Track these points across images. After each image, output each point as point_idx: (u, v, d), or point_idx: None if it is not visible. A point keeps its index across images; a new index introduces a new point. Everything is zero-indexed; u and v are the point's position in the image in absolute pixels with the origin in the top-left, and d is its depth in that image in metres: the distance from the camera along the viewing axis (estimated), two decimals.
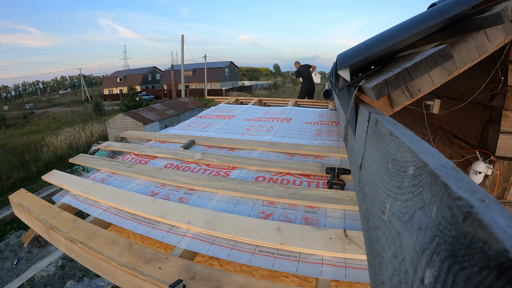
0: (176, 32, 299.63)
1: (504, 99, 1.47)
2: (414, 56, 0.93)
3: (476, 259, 0.18)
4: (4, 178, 11.95)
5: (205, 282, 0.91)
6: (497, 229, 0.17)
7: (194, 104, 18.46)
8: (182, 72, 22.86)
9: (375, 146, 0.60)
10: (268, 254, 1.09)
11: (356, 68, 1.13)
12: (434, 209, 0.26)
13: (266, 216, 1.35)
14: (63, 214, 1.36)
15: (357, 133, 0.95)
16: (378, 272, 0.45)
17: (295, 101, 4.88)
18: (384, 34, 1.22)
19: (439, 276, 0.22)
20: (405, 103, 1.09)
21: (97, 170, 1.98)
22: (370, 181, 0.61)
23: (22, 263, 6.68)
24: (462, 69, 1.09)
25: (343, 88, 1.39)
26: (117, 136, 13.17)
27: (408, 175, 0.36)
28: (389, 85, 0.84)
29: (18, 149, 15.67)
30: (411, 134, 0.45)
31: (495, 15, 0.99)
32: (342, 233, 1.13)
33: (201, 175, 1.77)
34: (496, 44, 1.10)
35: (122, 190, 1.60)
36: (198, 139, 2.56)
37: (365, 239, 0.62)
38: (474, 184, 0.24)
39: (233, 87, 36.59)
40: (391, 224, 0.40)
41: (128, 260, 1.02)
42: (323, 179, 1.73)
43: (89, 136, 16.56)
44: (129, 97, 21.20)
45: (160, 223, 1.32)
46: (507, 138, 1.50)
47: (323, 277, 0.98)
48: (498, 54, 1.42)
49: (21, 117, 29.58)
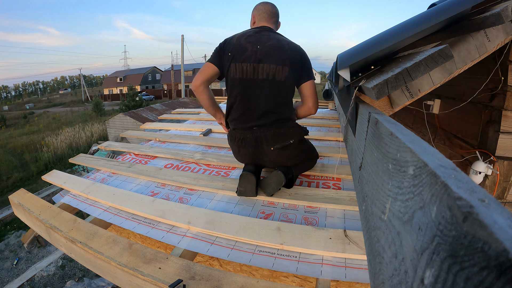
0: (188, 34, 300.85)
1: (504, 99, 1.47)
2: (414, 56, 0.93)
3: (476, 259, 0.18)
4: (4, 178, 11.95)
5: (205, 282, 0.91)
6: (497, 229, 0.17)
7: (194, 104, 18.45)
8: (182, 72, 22.85)
9: (375, 146, 0.60)
10: (268, 254, 1.09)
11: (356, 68, 1.13)
12: (434, 209, 0.26)
13: (266, 216, 1.35)
14: (63, 214, 1.36)
15: (357, 133, 0.95)
16: (378, 272, 0.45)
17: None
18: (384, 34, 1.22)
19: (439, 276, 0.22)
20: (405, 103, 1.09)
21: (97, 170, 1.98)
22: (370, 181, 0.61)
23: (22, 263, 6.68)
24: (462, 69, 1.09)
25: (343, 88, 1.39)
26: (117, 136, 13.16)
27: (408, 175, 0.36)
28: (389, 85, 0.84)
29: (18, 149, 15.68)
30: (411, 134, 0.45)
31: (495, 15, 0.99)
32: (342, 233, 1.13)
33: (201, 175, 1.77)
34: (496, 44, 1.10)
35: (122, 190, 1.60)
36: (214, 128, 2.92)
37: (365, 239, 0.62)
38: (474, 184, 0.24)
39: None
40: (391, 224, 0.40)
41: (128, 260, 1.02)
42: (323, 179, 1.73)
43: (89, 136, 16.57)
44: (129, 97, 21.20)
45: (160, 223, 1.32)
46: (507, 138, 1.50)
47: (323, 277, 0.98)
48: (498, 54, 1.42)
49: (21, 117, 29.59)
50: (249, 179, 1.45)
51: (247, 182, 1.45)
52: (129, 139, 8.52)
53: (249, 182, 1.45)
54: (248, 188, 1.45)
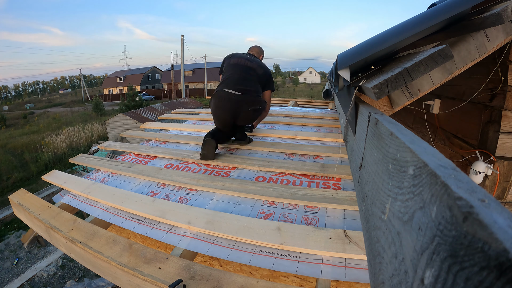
0: (189, 34, 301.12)
1: (504, 99, 1.47)
2: (414, 56, 0.93)
3: (476, 259, 0.18)
4: (4, 178, 11.95)
5: (205, 282, 0.91)
6: (497, 229, 0.17)
7: (194, 104, 18.46)
8: (182, 72, 22.85)
9: (375, 146, 0.60)
10: (268, 254, 1.09)
11: (356, 68, 1.13)
12: (434, 209, 0.26)
13: (266, 216, 1.35)
14: (63, 214, 1.36)
15: (357, 133, 0.95)
16: (378, 272, 0.45)
17: (295, 101, 4.88)
18: (384, 34, 1.22)
19: (439, 276, 0.22)
20: (405, 103, 1.09)
21: (97, 170, 1.98)
22: (370, 181, 0.61)
23: (22, 263, 6.68)
24: (462, 69, 1.09)
25: (343, 88, 1.39)
26: (117, 136, 13.16)
27: (408, 175, 0.36)
28: (389, 85, 0.84)
29: (18, 149, 15.67)
30: (411, 134, 0.45)
31: (495, 15, 0.99)
32: (342, 233, 1.13)
33: (201, 175, 1.77)
34: (496, 44, 1.10)
35: (122, 190, 1.60)
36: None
37: (365, 239, 0.62)
38: (474, 184, 0.24)
39: None
40: (391, 224, 0.40)
41: (128, 260, 1.02)
42: (323, 179, 1.73)
43: (89, 136, 16.56)
44: (129, 97, 21.20)
45: (160, 223, 1.32)
46: (507, 138, 1.50)
47: (323, 277, 0.98)
48: (498, 54, 1.42)
49: (21, 117, 29.60)
50: (210, 143, 2.00)
51: (209, 146, 1.99)
52: (129, 139, 8.53)
53: (210, 146, 1.99)
54: (209, 152, 1.99)
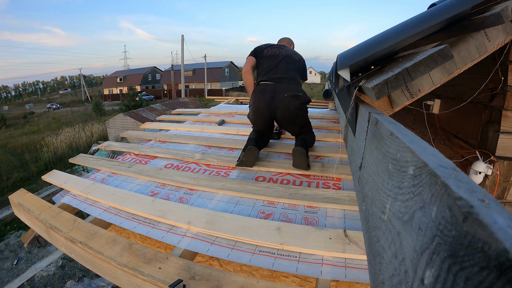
0: (190, 34, 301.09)
1: (504, 99, 1.47)
2: (414, 56, 0.93)
3: (476, 259, 0.18)
4: (4, 178, 11.95)
5: (205, 282, 0.91)
6: (497, 229, 0.17)
7: (194, 104, 18.46)
8: (182, 72, 22.85)
9: (375, 146, 0.60)
10: (268, 254, 1.09)
11: (356, 68, 1.13)
12: (434, 209, 0.26)
13: (266, 216, 1.35)
14: (63, 214, 1.36)
15: (357, 133, 0.95)
16: (378, 272, 0.45)
17: None
18: (384, 34, 1.22)
19: (439, 276, 0.22)
20: (405, 103, 1.09)
21: (97, 170, 1.98)
22: (370, 181, 0.61)
23: (22, 263, 6.68)
24: (462, 69, 1.09)
25: (343, 88, 1.39)
26: (117, 136, 13.16)
27: (408, 175, 0.36)
28: (389, 85, 0.84)
29: (18, 149, 15.67)
30: (411, 134, 0.45)
31: (495, 15, 0.99)
32: (342, 233, 1.13)
33: (201, 175, 1.77)
34: (496, 44, 1.10)
35: (122, 190, 1.60)
36: (227, 119, 3.30)
37: (365, 239, 0.62)
38: (474, 184, 0.24)
39: (233, 87, 36.52)
40: (391, 224, 0.40)
41: (128, 260, 1.02)
42: (323, 179, 1.73)
43: (89, 136, 16.56)
44: (129, 97, 21.20)
45: (160, 223, 1.32)
46: (507, 138, 1.50)
47: (323, 277, 0.98)
48: (498, 54, 1.42)
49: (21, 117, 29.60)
50: (253, 152, 1.85)
51: (251, 154, 1.85)
52: (129, 139, 8.53)
53: (252, 155, 1.85)
54: (250, 160, 1.85)
